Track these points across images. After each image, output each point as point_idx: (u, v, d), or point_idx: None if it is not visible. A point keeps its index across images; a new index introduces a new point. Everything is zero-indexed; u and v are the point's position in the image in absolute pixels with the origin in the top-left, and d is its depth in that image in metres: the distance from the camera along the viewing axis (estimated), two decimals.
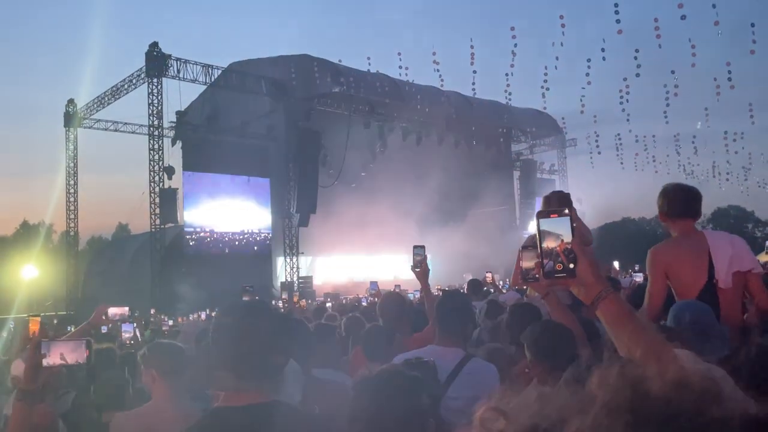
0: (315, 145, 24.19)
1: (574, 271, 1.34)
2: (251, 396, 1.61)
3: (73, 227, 26.32)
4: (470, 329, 2.99)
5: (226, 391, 1.65)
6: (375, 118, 26.24)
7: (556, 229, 1.37)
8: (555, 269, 1.35)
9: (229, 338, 1.66)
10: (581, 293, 1.37)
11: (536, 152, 34.57)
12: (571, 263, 1.34)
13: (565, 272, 1.34)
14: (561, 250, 1.35)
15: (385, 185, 26.96)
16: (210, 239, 24.21)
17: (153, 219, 22.28)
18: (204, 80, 23.18)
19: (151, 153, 22.15)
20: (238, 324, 1.67)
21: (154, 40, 21.90)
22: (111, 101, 24.50)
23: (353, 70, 24.77)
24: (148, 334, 8.13)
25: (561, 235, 1.35)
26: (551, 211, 1.39)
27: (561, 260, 1.35)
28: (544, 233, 1.37)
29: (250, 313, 1.72)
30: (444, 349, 2.77)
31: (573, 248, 1.35)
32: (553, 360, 2.11)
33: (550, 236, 1.37)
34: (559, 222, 1.37)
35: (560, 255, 1.35)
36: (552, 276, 1.36)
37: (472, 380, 2.56)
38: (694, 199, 3.33)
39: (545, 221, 1.38)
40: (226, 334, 1.67)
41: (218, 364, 1.67)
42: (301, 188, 23.96)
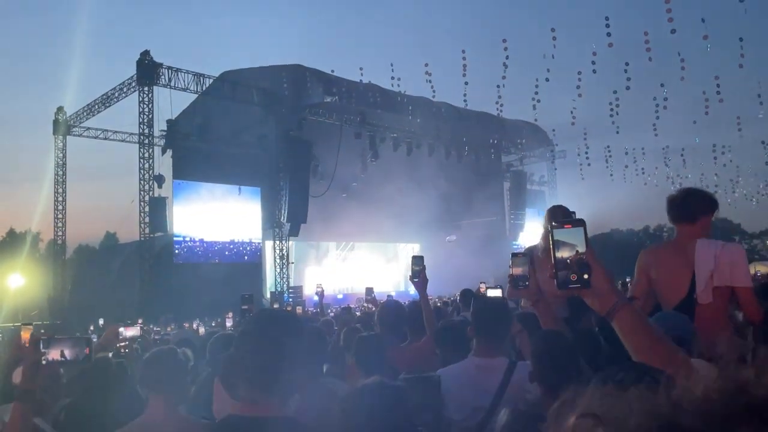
0: (306, 155, 24.19)
1: (589, 282, 1.34)
2: (265, 408, 1.59)
3: (61, 235, 26.07)
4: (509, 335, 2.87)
5: (240, 401, 1.63)
6: (366, 128, 26.30)
7: (570, 239, 1.37)
8: (569, 279, 1.35)
9: (251, 347, 1.63)
10: (595, 304, 1.37)
11: (526, 164, 34.78)
12: (585, 274, 1.34)
13: (580, 282, 1.34)
14: (575, 261, 1.35)
15: (375, 195, 26.98)
16: (200, 249, 24.05)
17: (142, 228, 22.12)
18: (195, 89, 23.14)
19: (141, 161, 22.03)
20: (261, 334, 1.65)
21: (145, 49, 21.86)
22: (101, 109, 24.38)
23: (345, 80, 24.84)
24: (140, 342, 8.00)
25: (575, 246, 1.35)
26: (566, 221, 1.40)
27: (575, 271, 1.34)
28: (557, 243, 1.37)
29: (275, 324, 1.70)
30: (486, 360, 2.68)
31: (587, 259, 1.34)
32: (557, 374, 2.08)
33: (564, 247, 1.37)
34: (573, 232, 1.37)
35: (574, 265, 1.35)
36: (566, 287, 1.36)
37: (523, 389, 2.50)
38: (690, 202, 3.22)
39: (559, 232, 1.38)
40: (249, 342, 1.65)
41: (236, 372, 1.64)
42: (292, 198, 23.92)
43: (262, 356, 1.61)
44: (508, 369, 2.57)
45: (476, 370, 2.47)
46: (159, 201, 22.15)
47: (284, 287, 24.44)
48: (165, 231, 22.83)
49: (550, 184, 35.54)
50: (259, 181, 25.47)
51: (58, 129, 25.23)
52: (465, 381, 2.63)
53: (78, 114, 25.20)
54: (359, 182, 28.14)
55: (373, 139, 26.57)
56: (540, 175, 35.74)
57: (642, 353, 1.28)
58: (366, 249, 31.40)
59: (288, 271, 25.36)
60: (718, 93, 16.59)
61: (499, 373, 2.58)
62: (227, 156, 24.27)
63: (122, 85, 23.33)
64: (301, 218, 24.22)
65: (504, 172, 34.58)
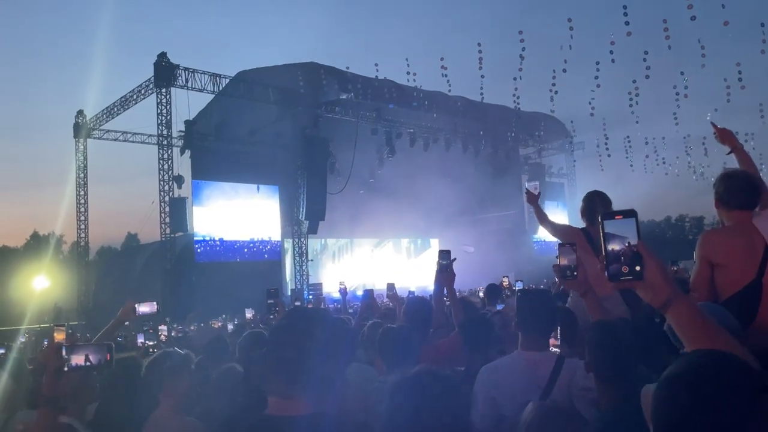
0: (323, 153, 24.24)
1: (642, 274, 1.31)
2: (300, 405, 1.58)
3: (84, 237, 26.41)
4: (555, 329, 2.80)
5: (275, 398, 1.62)
6: (382, 124, 26.28)
7: (620, 231, 1.34)
8: (621, 272, 1.32)
9: (285, 343, 1.63)
10: (649, 296, 1.34)
11: (544, 156, 34.48)
12: (637, 266, 1.31)
13: (632, 275, 1.32)
14: (627, 253, 1.32)
15: (393, 191, 26.97)
16: (220, 248, 24.24)
17: (163, 228, 22.34)
18: (212, 89, 23.28)
19: (161, 162, 22.23)
20: (295, 329, 1.65)
21: (162, 51, 22.02)
22: (120, 112, 24.63)
23: (360, 76, 24.82)
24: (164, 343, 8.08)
25: (627, 237, 1.33)
26: (616, 212, 1.37)
27: (627, 263, 1.32)
28: (608, 235, 1.34)
29: (308, 319, 1.70)
30: (534, 354, 2.64)
31: (640, 250, 1.31)
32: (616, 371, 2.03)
33: (614, 239, 1.34)
34: (624, 224, 1.34)
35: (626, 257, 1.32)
36: (618, 279, 1.33)
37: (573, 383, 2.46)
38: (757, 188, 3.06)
39: (609, 223, 1.35)
40: (282, 338, 1.65)
41: (272, 368, 1.64)
42: (310, 195, 23.99)
43: (294, 350, 1.60)
44: (557, 362, 2.54)
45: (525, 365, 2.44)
46: (179, 201, 22.34)
47: (304, 284, 24.56)
48: (185, 231, 23.03)
49: (569, 176, 35.23)
50: (277, 179, 25.58)
51: (79, 132, 25.55)
52: (514, 375, 2.60)
53: (98, 117, 25.49)
54: (376, 178, 28.14)
55: (389, 135, 26.55)
56: (559, 167, 35.44)
57: (699, 347, 1.25)
58: (384, 245, 31.42)
59: (307, 268, 25.48)
60: (740, 80, 16.27)
61: (547, 367, 2.54)
62: (245, 155, 24.40)
63: (140, 87, 23.54)
64: (319, 215, 24.29)
65: (522, 165, 34.34)
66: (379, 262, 29.99)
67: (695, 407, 1.00)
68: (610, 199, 4.01)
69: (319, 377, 1.60)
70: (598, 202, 3.94)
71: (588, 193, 4.07)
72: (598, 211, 3.73)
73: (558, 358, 2.61)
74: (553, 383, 2.49)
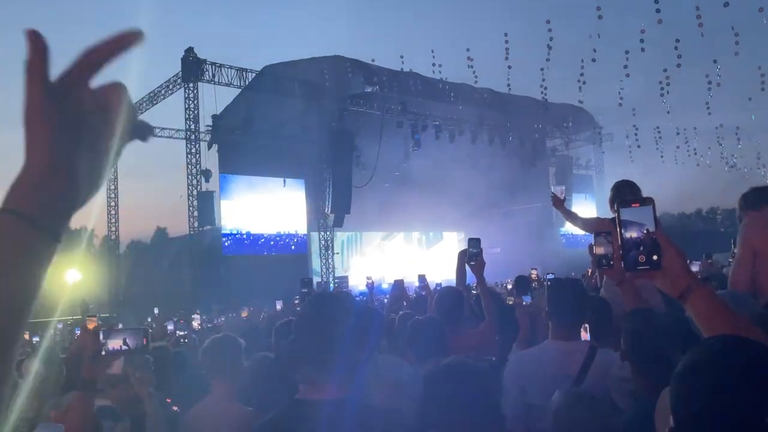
0: (348, 146, 24.26)
1: (660, 263, 1.27)
2: (328, 390, 1.58)
3: (114, 231, 26.90)
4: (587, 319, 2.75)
5: (305, 384, 1.63)
6: (408, 116, 26.18)
7: (638, 219, 1.30)
8: (638, 261, 1.28)
9: (310, 329, 1.63)
10: (667, 286, 1.29)
11: (572, 148, 34.00)
12: (655, 254, 1.27)
13: (649, 264, 1.27)
14: (644, 241, 1.28)
15: (418, 184, 26.90)
16: (247, 241, 24.49)
17: (191, 222, 22.61)
18: (238, 84, 23.45)
19: (188, 157, 22.49)
20: (319, 315, 1.65)
21: (189, 46, 22.22)
22: (148, 107, 24.95)
23: (386, 69, 24.76)
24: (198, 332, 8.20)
25: (645, 225, 1.28)
26: (633, 199, 1.33)
27: (644, 251, 1.27)
28: (625, 223, 1.30)
29: (332, 305, 1.70)
30: (565, 343, 2.61)
31: (657, 238, 1.27)
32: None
33: (631, 226, 1.30)
34: (642, 211, 1.30)
35: (644, 246, 1.28)
36: (635, 268, 1.28)
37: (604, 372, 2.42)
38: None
39: (626, 211, 1.31)
40: (307, 325, 1.65)
41: (299, 355, 1.64)
42: (336, 189, 24.06)
43: (320, 336, 1.60)
44: (589, 352, 2.49)
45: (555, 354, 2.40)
46: (207, 195, 22.58)
47: (330, 277, 24.68)
48: (213, 224, 23.29)
49: (597, 167, 34.72)
50: (303, 172, 25.71)
51: None
52: (544, 365, 2.57)
53: None
54: (402, 171, 28.10)
55: (414, 128, 26.44)
56: (587, 159, 34.94)
57: None
58: (411, 238, 31.36)
59: (333, 261, 25.59)
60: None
61: (578, 357, 2.50)
62: (271, 149, 24.55)
63: (168, 83, 23.82)
64: (345, 209, 24.34)
65: (549, 157, 33.95)
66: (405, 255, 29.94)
67: (714, 395, 0.96)
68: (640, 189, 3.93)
69: (345, 362, 1.60)
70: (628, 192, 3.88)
71: (617, 182, 4.00)
72: None
73: (590, 347, 2.56)
74: (584, 373, 2.44)
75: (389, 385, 2.56)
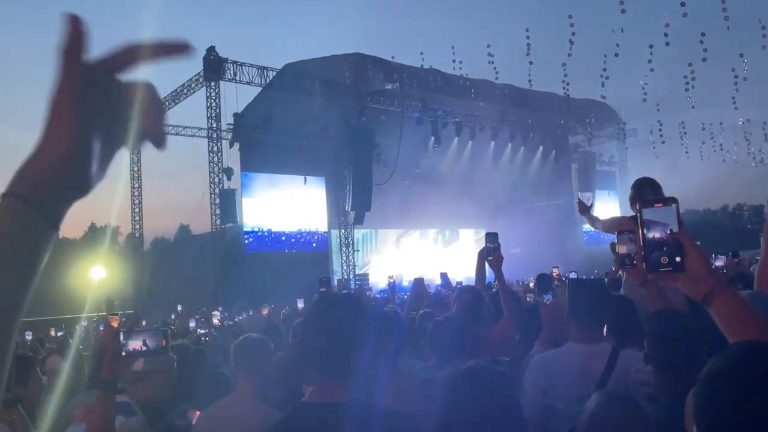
0: (368, 143, 24.27)
1: (682, 265, 1.24)
2: (335, 393, 1.57)
3: (138, 229, 27.26)
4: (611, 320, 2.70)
5: (312, 386, 1.62)
6: (428, 113, 26.11)
7: (660, 219, 1.27)
8: (660, 262, 1.25)
9: (314, 331, 1.62)
10: (690, 288, 1.26)
11: (595, 144, 33.61)
12: (677, 256, 1.24)
13: (672, 266, 1.24)
14: (666, 242, 1.25)
15: (439, 181, 26.81)
16: (268, 238, 24.65)
17: (213, 219, 22.82)
18: (259, 82, 23.57)
19: (211, 155, 22.68)
20: (323, 317, 1.64)
21: (211, 45, 22.39)
22: (171, 106, 25.20)
23: (406, 66, 24.71)
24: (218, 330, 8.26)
25: (668, 226, 1.26)
26: (656, 199, 1.30)
27: (667, 253, 1.24)
28: (647, 223, 1.27)
29: (336, 306, 1.68)
30: (587, 346, 2.55)
31: (681, 239, 1.24)
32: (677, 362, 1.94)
33: (654, 227, 1.27)
34: (665, 212, 1.27)
35: (666, 247, 1.25)
36: (657, 270, 1.25)
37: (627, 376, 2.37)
38: None
39: (648, 211, 1.28)
40: (312, 327, 1.65)
41: (305, 357, 1.64)
42: (356, 186, 24.08)
43: (327, 338, 1.59)
44: (612, 355, 2.45)
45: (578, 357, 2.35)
46: (228, 193, 22.76)
47: (350, 275, 24.72)
48: (235, 222, 23.48)
49: (621, 164, 34.28)
50: (324, 170, 25.77)
51: None
52: (566, 368, 2.52)
53: None
54: (422, 168, 28.03)
55: (435, 125, 26.36)
56: (610, 155, 34.51)
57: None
58: (429, 235, 31.24)
59: (354, 259, 25.63)
60: None
61: (601, 359, 2.45)
62: (292, 147, 24.65)
63: (190, 82, 24.03)
64: (365, 206, 24.36)
65: (571, 153, 33.60)
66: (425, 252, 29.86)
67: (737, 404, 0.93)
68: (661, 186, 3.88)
69: (351, 365, 1.59)
70: (649, 189, 3.83)
71: (637, 179, 3.96)
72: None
73: (613, 348, 2.52)
74: (608, 376, 2.40)
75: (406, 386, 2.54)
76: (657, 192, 3.82)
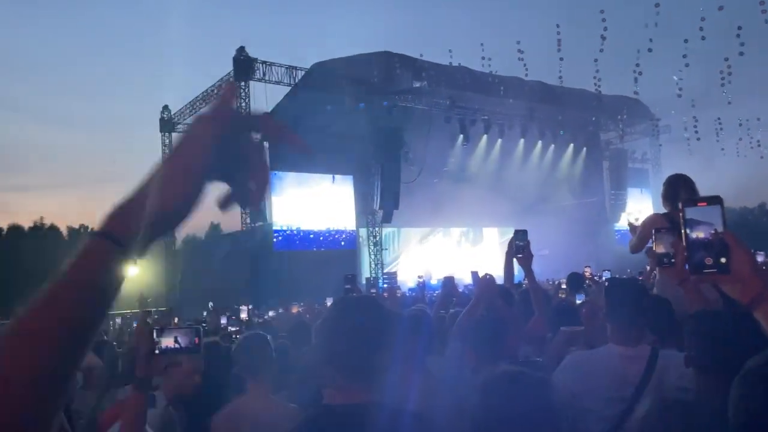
0: (396, 142, 24.23)
1: (728, 266, 1.18)
2: (353, 395, 1.56)
3: None
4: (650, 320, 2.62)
5: (330, 389, 1.61)
6: (456, 111, 25.97)
7: (704, 218, 1.22)
8: (704, 263, 1.20)
9: (332, 334, 1.62)
10: (735, 291, 1.21)
11: (627, 141, 32.99)
12: (723, 257, 1.18)
13: (717, 267, 1.19)
14: (711, 243, 1.20)
15: (467, 180, 26.65)
16: (297, 237, 24.82)
17: (243, 218, 23.05)
18: (288, 81, 23.72)
19: None
20: (341, 320, 1.63)
21: (240, 45, 22.62)
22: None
23: (434, 64, 24.61)
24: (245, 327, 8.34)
25: (712, 225, 1.21)
26: (699, 198, 1.25)
27: (711, 254, 1.19)
28: (690, 223, 1.22)
29: (354, 309, 1.68)
30: (625, 348, 2.48)
31: (726, 240, 1.18)
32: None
33: (697, 227, 1.22)
34: (709, 211, 1.22)
35: (711, 248, 1.19)
36: (701, 272, 1.20)
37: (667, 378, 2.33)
38: None
39: (691, 210, 1.23)
40: (329, 329, 1.64)
41: (322, 359, 1.63)
42: (384, 185, 24.07)
43: (343, 341, 1.59)
44: (651, 357, 2.38)
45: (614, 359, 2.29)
46: None
47: (378, 273, 24.75)
48: (264, 221, 23.70)
49: (654, 161, 33.60)
50: (352, 169, 25.85)
51: (165, 127, 26.72)
52: (600, 370, 2.46)
53: (181, 111, 26.55)
54: (450, 167, 27.89)
55: (463, 122, 26.21)
56: (642, 152, 33.86)
57: None
58: (454, 233, 31.05)
59: (381, 257, 25.64)
60: None
61: (640, 362, 2.38)
62: (320, 146, 24.70)
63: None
64: (393, 205, 24.33)
65: (603, 150, 33.08)
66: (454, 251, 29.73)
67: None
68: (694, 183, 3.78)
69: (371, 366, 1.58)
70: (681, 186, 3.74)
71: (669, 176, 3.87)
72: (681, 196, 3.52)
73: (651, 351, 2.44)
74: (647, 379, 2.33)
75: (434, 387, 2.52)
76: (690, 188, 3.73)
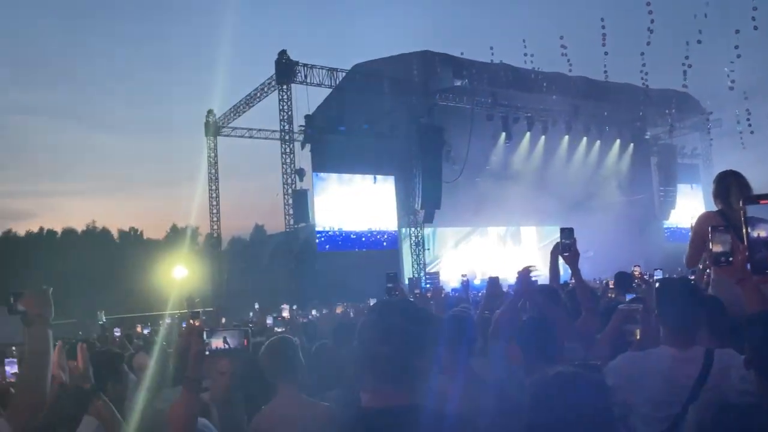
0: (438, 141, 24.10)
1: None
2: (390, 398, 1.56)
3: (216, 229, 28.27)
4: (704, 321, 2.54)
5: (366, 392, 1.62)
6: (498, 109, 25.69)
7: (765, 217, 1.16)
8: (767, 262, 1.14)
9: (370, 337, 1.62)
10: None
11: (676, 136, 31.99)
12: None
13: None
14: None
15: (510, 178, 26.34)
16: (340, 238, 25.00)
17: (287, 219, 23.35)
18: (329, 83, 23.91)
19: (283, 157, 23.20)
20: (378, 323, 1.63)
21: (282, 48, 22.90)
22: (245, 109, 25.97)
23: (475, 62, 24.41)
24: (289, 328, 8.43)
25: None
26: (761, 196, 1.20)
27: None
28: (752, 221, 1.17)
29: (393, 312, 1.67)
30: (679, 351, 2.41)
31: None
32: None
33: (759, 225, 1.16)
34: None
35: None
36: (763, 271, 1.14)
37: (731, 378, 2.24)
38: None
39: (752, 208, 1.17)
40: (367, 333, 1.64)
41: (360, 363, 1.64)
42: (425, 185, 23.98)
43: (382, 345, 1.59)
44: (706, 359, 2.30)
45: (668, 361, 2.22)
46: (301, 194, 23.22)
47: (421, 274, 24.69)
48: (308, 222, 23.95)
49: (704, 156, 32.51)
50: (393, 169, 25.89)
51: (209, 130, 27.31)
52: (654, 371, 2.40)
53: (226, 115, 27.07)
54: (493, 165, 27.61)
55: (506, 120, 25.91)
56: (692, 147, 32.79)
57: None
58: (497, 234, 30.69)
59: (424, 257, 25.57)
60: None
61: (694, 365, 2.30)
62: (362, 146, 24.88)
63: (263, 85, 24.67)
64: (435, 204, 24.21)
65: (651, 146, 32.19)
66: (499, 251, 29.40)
67: None
68: (746, 179, 3.62)
69: (412, 370, 1.58)
70: (733, 182, 3.58)
71: (720, 173, 3.72)
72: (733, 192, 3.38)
73: (706, 352, 2.36)
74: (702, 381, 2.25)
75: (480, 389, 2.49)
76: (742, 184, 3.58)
